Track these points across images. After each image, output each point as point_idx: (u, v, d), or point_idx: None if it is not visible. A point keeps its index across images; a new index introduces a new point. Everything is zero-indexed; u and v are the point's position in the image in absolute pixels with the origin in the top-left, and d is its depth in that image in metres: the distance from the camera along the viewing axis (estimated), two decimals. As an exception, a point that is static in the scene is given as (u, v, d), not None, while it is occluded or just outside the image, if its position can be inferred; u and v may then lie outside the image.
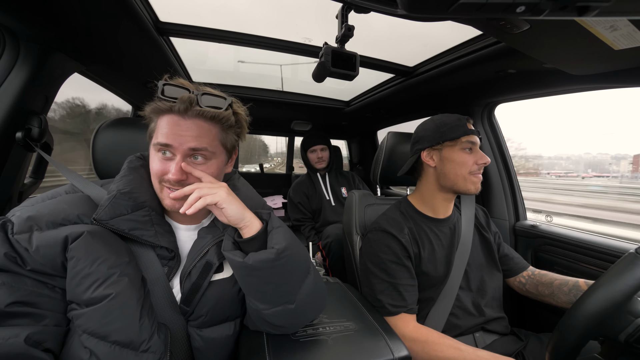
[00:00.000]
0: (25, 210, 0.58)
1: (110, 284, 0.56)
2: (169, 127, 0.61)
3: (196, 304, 0.67)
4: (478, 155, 0.97)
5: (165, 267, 0.67)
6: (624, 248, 1.06)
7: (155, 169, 0.64)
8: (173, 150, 0.62)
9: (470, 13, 0.40)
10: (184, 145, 0.61)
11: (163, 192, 0.66)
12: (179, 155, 0.62)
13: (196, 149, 0.62)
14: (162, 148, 0.62)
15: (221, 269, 0.72)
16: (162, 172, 0.63)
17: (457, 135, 0.96)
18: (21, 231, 0.55)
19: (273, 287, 0.63)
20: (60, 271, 0.57)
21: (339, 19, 0.74)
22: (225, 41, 1.24)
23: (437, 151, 1.01)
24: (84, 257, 0.55)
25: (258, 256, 0.60)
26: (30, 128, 0.92)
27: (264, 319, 0.66)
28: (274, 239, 0.64)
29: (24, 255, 0.54)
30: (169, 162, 0.63)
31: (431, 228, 1.03)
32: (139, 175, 0.69)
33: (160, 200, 0.68)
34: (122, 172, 0.69)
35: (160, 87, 0.61)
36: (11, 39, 0.87)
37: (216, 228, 0.74)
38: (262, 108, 2.21)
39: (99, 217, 0.60)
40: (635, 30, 0.59)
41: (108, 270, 0.56)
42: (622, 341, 0.60)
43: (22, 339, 0.49)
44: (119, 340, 0.55)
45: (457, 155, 0.97)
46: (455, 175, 0.98)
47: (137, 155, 0.74)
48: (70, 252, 0.56)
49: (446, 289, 0.96)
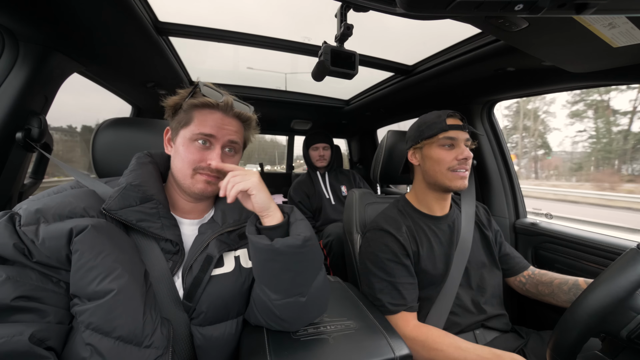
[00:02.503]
0: (33, 204, 0.59)
1: (114, 277, 0.56)
2: (214, 121, 0.70)
3: (198, 299, 0.68)
4: (459, 150, 0.96)
5: (169, 262, 0.68)
6: (625, 245, 1.06)
7: (192, 157, 0.69)
8: (214, 140, 0.70)
9: (468, 11, 0.40)
10: (225, 137, 0.71)
11: (195, 177, 0.70)
12: (218, 145, 0.71)
13: (233, 141, 0.73)
14: (205, 138, 0.69)
15: (221, 264, 0.73)
16: (200, 160, 0.70)
17: (434, 133, 0.97)
18: (28, 223, 0.56)
19: (292, 275, 0.64)
20: (65, 264, 0.57)
21: (338, 18, 0.74)
22: (224, 40, 1.24)
23: (419, 150, 1.03)
24: (88, 250, 0.56)
25: (285, 241, 0.62)
26: (30, 128, 0.93)
27: (272, 310, 0.66)
28: (298, 228, 0.66)
29: (31, 247, 0.55)
30: (206, 152, 0.70)
31: (429, 226, 1.03)
32: (147, 171, 0.73)
33: (188, 186, 0.71)
34: (130, 166, 0.72)
35: (202, 86, 0.70)
36: (10, 40, 0.87)
37: (215, 223, 0.75)
38: (261, 107, 2.18)
39: (108, 207, 0.62)
40: (634, 27, 0.59)
41: (112, 264, 0.57)
42: (623, 337, 0.60)
43: (27, 337, 0.49)
44: (123, 335, 0.55)
45: (435, 152, 0.98)
46: (435, 173, 0.98)
47: (145, 153, 0.78)
48: (75, 244, 0.56)
49: (446, 286, 0.96)
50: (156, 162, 0.79)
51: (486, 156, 1.53)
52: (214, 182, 0.72)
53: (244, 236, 0.77)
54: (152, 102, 1.76)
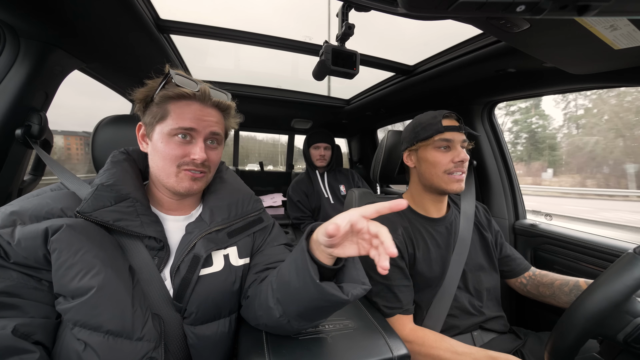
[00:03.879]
0: (9, 206, 0.59)
1: (95, 274, 0.55)
2: (193, 113, 0.66)
3: (187, 299, 0.67)
4: (455, 152, 0.95)
5: (155, 259, 0.67)
6: (624, 247, 1.06)
7: (174, 153, 0.66)
8: (195, 134, 0.67)
9: (470, 12, 0.40)
10: (206, 129, 0.67)
11: (179, 175, 0.67)
12: (200, 138, 0.67)
13: (215, 133, 0.69)
14: (184, 132, 0.65)
15: (210, 263, 0.71)
16: (183, 155, 0.66)
17: (429, 135, 0.95)
18: (4, 225, 0.55)
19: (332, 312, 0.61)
20: (43, 264, 0.56)
21: (339, 18, 0.74)
22: (225, 39, 1.24)
23: (415, 152, 1.02)
24: (66, 249, 0.55)
25: (355, 291, 0.54)
26: (30, 125, 0.92)
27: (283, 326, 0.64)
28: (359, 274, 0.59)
29: (7, 248, 0.54)
30: (188, 146, 0.66)
31: (426, 227, 1.02)
32: (122, 169, 0.70)
33: (173, 185, 0.68)
34: (105, 166, 0.70)
35: (173, 75, 0.65)
36: (11, 36, 0.87)
37: (203, 222, 0.73)
38: (262, 106, 2.20)
39: (82, 210, 0.60)
40: (635, 29, 0.59)
41: (92, 260, 0.56)
42: (620, 341, 0.60)
43: (10, 331, 0.49)
44: (112, 329, 0.54)
45: (430, 154, 0.96)
46: (431, 175, 0.97)
47: (120, 150, 0.75)
48: (52, 244, 0.55)
49: (443, 289, 0.95)
50: (133, 158, 0.76)
51: (486, 157, 1.53)
52: (200, 178, 0.69)
53: (232, 234, 0.75)
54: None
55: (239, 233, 0.77)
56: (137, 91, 0.70)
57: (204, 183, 0.72)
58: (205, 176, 0.71)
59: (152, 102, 0.68)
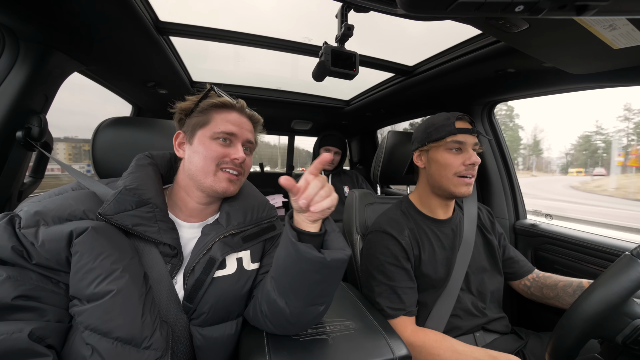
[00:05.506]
0: (33, 206, 0.59)
1: (113, 279, 0.56)
2: (234, 120, 0.74)
3: (199, 300, 0.68)
4: (467, 155, 0.94)
5: (168, 265, 0.68)
6: (624, 247, 1.06)
7: (216, 153, 0.71)
8: (234, 138, 0.73)
9: (469, 12, 0.40)
10: (244, 136, 0.75)
11: (218, 175, 0.71)
12: (238, 142, 0.74)
13: (250, 141, 0.77)
14: (226, 136, 0.72)
15: (224, 266, 0.72)
16: (224, 155, 0.71)
17: (442, 136, 0.94)
18: (28, 225, 0.56)
19: (325, 286, 0.62)
20: (64, 266, 0.57)
21: (338, 18, 0.74)
22: (225, 40, 1.24)
23: (425, 152, 1.01)
24: (87, 252, 0.56)
25: (334, 254, 0.58)
26: (30, 127, 0.93)
27: (284, 316, 0.64)
28: (339, 241, 0.62)
29: (30, 249, 0.55)
30: (228, 148, 0.72)
31: (432, 229, 1.02)
32: (146, 173, 0.72)
33: (210, 184, 0.71)
34: (129, 169, 0.72)
35: (216, 89, 0.75)
36: (11, 38, 0.87)
37: (219, 225, 0.74)
38: (262, 107, 2.19)
39: (104, 212, 0.62)
40: (634, 29, 0.59)
41: (111, 266, 0.57)
42: (619, 343, 0.61)
43: (26, 334, 0.49)
44: (121, 336, 0.55)
45: (442, 156, 0.95)
46: (440, 177, 0.96)
47: (145, 154, 0.78)
48: (75, 247, 0.56)
49: (447, 290, 0.95)
50: (156, 163, 0.78)
51: (486, 157, 1.53)
52: (235, 180, 0.73)
53: (247, 239, 0.77)
54: (153, 102, 1.76)
55: (253, 239, 0.78)
56: (179, 103, 0.76)
57: (238, 186, 0.77)
58: (240, 179, 0.76)
59: (193, 111, 0.74)
